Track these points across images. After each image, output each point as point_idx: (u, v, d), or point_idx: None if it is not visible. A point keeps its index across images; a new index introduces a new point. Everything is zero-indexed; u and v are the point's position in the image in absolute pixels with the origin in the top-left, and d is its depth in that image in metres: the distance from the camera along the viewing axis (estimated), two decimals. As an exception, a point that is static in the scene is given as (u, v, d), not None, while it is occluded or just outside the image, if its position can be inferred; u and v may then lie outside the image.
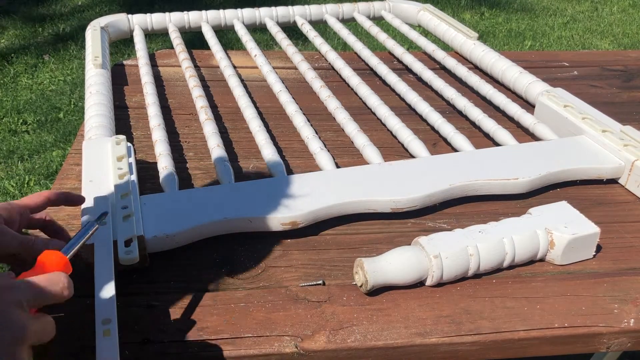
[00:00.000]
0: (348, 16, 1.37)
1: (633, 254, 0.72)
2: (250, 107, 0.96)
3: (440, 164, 0.81)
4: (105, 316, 0.54)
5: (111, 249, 0.62)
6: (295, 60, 1.16)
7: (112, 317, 0.54)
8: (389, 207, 0.75)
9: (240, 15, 1.30)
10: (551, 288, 0.67)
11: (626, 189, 0.83)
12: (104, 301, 0.56)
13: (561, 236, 0.68)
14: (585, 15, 3.65)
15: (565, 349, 0.63)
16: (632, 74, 1.22)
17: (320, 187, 0.75)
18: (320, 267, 0.68)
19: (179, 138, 0.93)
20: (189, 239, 0.68)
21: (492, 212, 0.78)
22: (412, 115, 1.03)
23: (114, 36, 1.24)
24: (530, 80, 1.02)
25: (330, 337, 0.59)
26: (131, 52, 2.69)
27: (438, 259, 0.64)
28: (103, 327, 0.53)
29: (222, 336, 0.59)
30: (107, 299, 0.56)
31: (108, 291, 0.56)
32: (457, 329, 0.61)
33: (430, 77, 1.10)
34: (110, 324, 0.53)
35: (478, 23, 3.42)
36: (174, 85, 1.11)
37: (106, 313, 0.54)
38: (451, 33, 1.23)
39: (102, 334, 0.52)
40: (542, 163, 0.82)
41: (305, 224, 0.72)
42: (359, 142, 0.88)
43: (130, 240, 0.63)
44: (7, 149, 2.14)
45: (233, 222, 0.70)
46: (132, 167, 0.75)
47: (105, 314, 0.54)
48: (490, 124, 0.94)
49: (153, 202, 0.71)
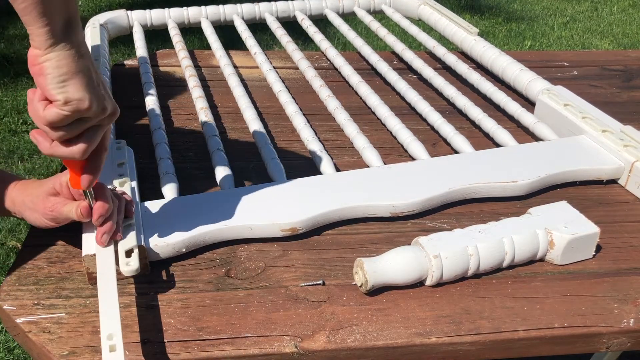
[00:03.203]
0: (348, 10, 1.37)
1: (633, 254, 0.72)
2: (250, 108, 0.96)
3: (439, 166, 0.81)
4: (110, 331, 0.54)
5: (113, 259, 0.62)
6: (295, 57, 1.16)
7: (117, 331, 0.54)
8: (388, 212, 0.75)
9: (240, 10, 1.30)
10: (551, 288, 0.67)
11: (626, 189, 0.83)
12: (107, 315, 0.55)
13: (561, 236, 0.68)
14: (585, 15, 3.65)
15: (565, 349, 0.63)
16: (632, 74, 1.22)
17: (319, 192, 0.76)
18: (320, 267, 0.68)
19: (179, 138, 0.93)
20: (189, 247, 0.68)
21: (492, 212, 0.78)
22: (412, 115, 1.03)
23: (114, 33, 1.24)
24: (531, 78, 1.02)
25: (330, 337, 0.59)
26: (131, 52, 2.69)
27: (438, 259, 0.64)
28: (108, 343, 0.53)
29: (222, 336, 0.59)
30: (110, 312, 0.55)
31: (111, 304, 0.56)
32: (457, 329, 0.61)
33: (430, 75, 1.10)
34: (114, 339, 0.53)
35: (478, 23, 3.42)
36: (174, 85, 1.11)
37: (110, 328, 0.54)
38: (452, 28, 1.23)
39: (108, 349, 0.52)
40: (542, 165, 0.82)
41: (305, 229, 0.72)
42: (358, 143, 0.88)
43: (131, 251, 0.63)
44: (7, 148, 2.14)
45: (234, 229, 0.70)
46: (133, 173, 0.76)
47: (109, 329, 0.54)
48: (490, 123, 0.94)
49: (154, 210, 0.71)
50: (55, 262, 0.67)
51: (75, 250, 0.68)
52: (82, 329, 0.59)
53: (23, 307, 0.61)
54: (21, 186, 0.65)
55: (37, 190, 0.63)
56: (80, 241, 0.65)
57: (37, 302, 0.62)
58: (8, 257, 1.66)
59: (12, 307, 0.61)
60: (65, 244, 0.70)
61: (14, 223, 1.77)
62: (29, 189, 0.64)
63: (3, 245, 1.70)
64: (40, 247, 0.69)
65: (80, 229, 0.66)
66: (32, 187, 0.64)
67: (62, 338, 0.58)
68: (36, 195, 0.63)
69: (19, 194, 0.64)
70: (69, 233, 0.69)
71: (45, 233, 0.69)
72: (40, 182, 0.65)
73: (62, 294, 0.63)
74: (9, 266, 1.54)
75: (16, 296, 0.62)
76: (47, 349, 0.57)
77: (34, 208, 0.63)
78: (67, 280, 0.64)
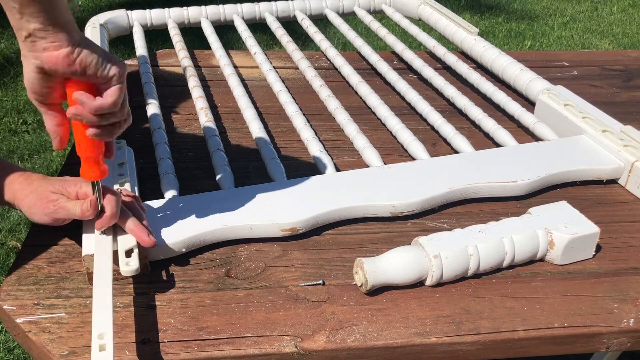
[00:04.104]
0: (348, 10, 1.37)
1: (633, 254, 0.72)
2: (250, 108, 0.96)
3: (439, 166, 0.81)
4: (101, 330, 0.53)
5: (110, 259, 0.61)
6: (295, 57, 1.16)
7: (108, 331, 0.53)
8: (388, 212, 0.75)
9: (240, 10, 1.30)
10: (551, 288, 0.67)
11: (626, 189, 0.83)
12: (100, 314, 0.55)
13: (561, 236, 0.68)
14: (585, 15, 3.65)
15: (565, 348, 0.63)
16: (632, 74, 1.22)
17: (319, 191, 0.76)
18: (320, 267, 0.68)
19: (179, 138, 0.93)
20: (190, 247, 0.68)
21: (492, 212, 0.78)
22: (412, 115, 1.03)
23: (114, 33, 1.24)
24: (531, 78, 1.02)
25: (330, 337, 0.59)
26: (131, 52, 2.69)
27: (438, 259, 0.64)
28: (99, 342, 0.52)
29: (222, 336, 0.59)
30: (103, 312, 0.55)
31: (105, 304, 0.56)
32: (457, 329, 0.61)
33: (430, 75, 1.10)
34: (105, 339, 0.53)
35: (478, 23, 3.42)
36: (174, 85, 1.11)
37: (102, 327, 0.54)
38: (452, 28, 1.23)
39: (98, 348, 0.52)
40: (542, 165, 0.82)
41: (305, 229, 0.72)
42: (358, 143, 0.88)
43: (131, 251, 0.63)
44: (7, 148, 2.14)
45: (234, 229, 0.70)
46: (133, 173, 0.75)
47: (101, 328, 0.54)
48: (490, 123, 0.94)
49: (154, 210, 0.71)
50: (55, 262, 0.67)
51: (75, 250, 0.68)
52: (82, 329, 0.59)
53: (23, 307, 0.61)
54: (25, 179, 0.65)
55: (42, 186, 0.64)
56: (80, 241, 0.65)
57: (37, 302, 0.62)
58: (8, 257, 1.66)
59: (12, 307, 0.61)
60: (65, 244, 0.70)
61: (14, 223, 1.78)
62: (34, 184, 0.64)
63: (3, 245, 1.70)
64: (40, 247, 0.69)
65: (80, 229, 0.66)
66: (38, 182, 0.64)
67: (62, 338, 0.58)
68: (41, 191, 0.63)
69: (22, 187, 0.64)
70: (69, 233, 0.69)
71: (45, 233, 0.70)
72: (45, 178, 0.65)
73: (62, 294, 0.63)
74: (9, 266, 1.54)
75: (16, 296, 0.62)
76: (47, 348, 0.57)
77: (35, 203, 0.63)
78: (67, 280, 0.64)
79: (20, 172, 0.66)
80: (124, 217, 0.64)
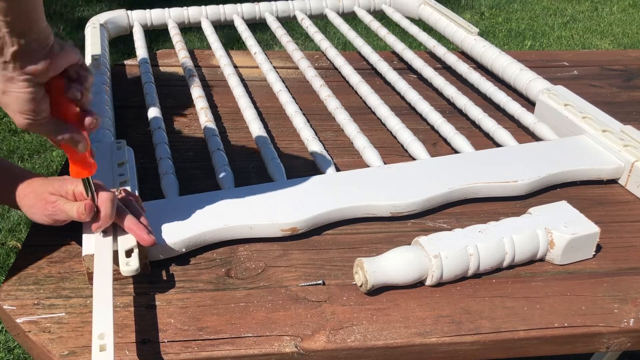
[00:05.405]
0: (348, 10, 1.37)
1: (633, 254, 0.72)
2: (250, 108, 0.96)
3: (439, 166, 0.81)
4: (101, 330, 0.53)
5: (111, 259, 0.61)
6: (295, 57, 1.16)
7: (108, 331, 0.53)
8: (388, 212, 0.75)
9: (240, 10, 1.30)
10: (551, 288, 0.67)
11: (626, 189, 0.83)
12: (100, 314, 0.55)
13: (561, 236, 0.68)
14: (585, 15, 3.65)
15: (565, 348, 0.63)
16: (632, 73, 1.22)
17: (320, 191, 0.76)
18: (320, 267, 0.68)
19: (179, 138, 0.93)
20: (189, 247, 0.68)
21: (492, 212, 0.78)
22: (412, 115, 1.03)
23: (114, 33, 1.24)
24: (531, 78, 1.02)
25: (330, 337, 0.59)
26: (131, 52, 2.69)
27: (438, 259, 0.64)
28: (99, 342, 0.52)
29: (222, 336, 0.59)
30: (103, 312, 0.55)
31: (105, 304, 0.56)
32: (457, 329, 0.61)
33: (430, 75, 1.10)
34: (105, 339, 0.53)
35: (478, 23, 3.42)
36: (174, 85, 1.11)
37: (102, 327, 0.54)
38: (452, 28, 1.23)
39: (98, 348, 0.52)
40: (542, 165, 0.82)
41: (305, 229, 0.72)
42: (358, 143, 0.88)
43: (131, 251, 0.63)
44: (7, 148, 2.14)
45: (234, 229, 0.70)
46: (133, 173, 0.75)
47: (101, 328, 0.54)
48: (490, 123, 0.94)
49: (154, 210, 0.71)
50: (55, 262, 0.67)
51: (75, 250, 0.68)
52: (82, 329, 0.59)
53: (23, 307, 0.61)
54: (25, 179, 0.66)
55: (41, 187, 0.64)
56: (80, 241, 0.65)
57: (37, 302, 0.62)
58: (8, 257, 1.66)
59: (12, 307, 0.61)
60: (65, 244, 0.70)
61: (14, 223, 1.78)
62: (33, 184, 0.64)
63: (3, 245, 1.70)
64: (41, 247, 0.69)
65: (80, 229, 0.66)
66: (37, 183, 0.65)
67: (62, 338, 0.58)
68: (40, 192, 0.63)
69: (22, 187, 0.65)
70: (69, 233, 0.69)
71: (45, 233, 0.70)
72: (45, 178, 0.65)
73: (62, 294, 0.63)
74: (9, 266, 1.54)
75: (16, 296, 0.62)
76: (47, 348, 0.57)
77: (35, 204, 0.63)
78: (67, 280, 0.65)
79: (20, 172, 0.66)
80: (121, 215, 0.64)
